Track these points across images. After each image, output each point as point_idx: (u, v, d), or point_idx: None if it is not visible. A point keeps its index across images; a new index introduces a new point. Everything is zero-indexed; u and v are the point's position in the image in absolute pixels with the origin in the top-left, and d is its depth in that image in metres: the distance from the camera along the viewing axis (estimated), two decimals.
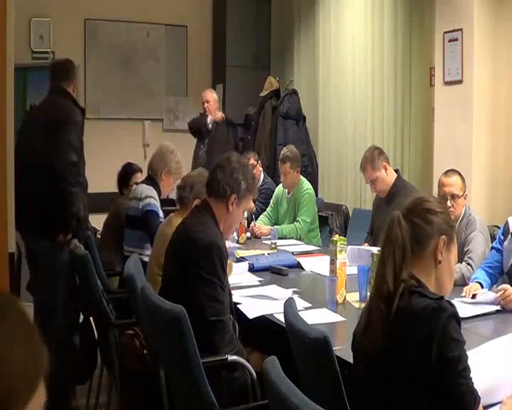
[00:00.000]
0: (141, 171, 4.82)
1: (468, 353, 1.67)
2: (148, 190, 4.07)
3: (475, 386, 1.65)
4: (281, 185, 5.16)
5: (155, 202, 4.02)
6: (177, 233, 2.77)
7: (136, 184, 4.46)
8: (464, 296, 2.92)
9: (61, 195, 3.48)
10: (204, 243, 2.58)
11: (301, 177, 5.09)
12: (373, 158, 4.03)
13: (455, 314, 1.66)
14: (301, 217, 4.86)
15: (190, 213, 2.87)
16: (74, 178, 3.52)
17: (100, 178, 5.25)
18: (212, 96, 6.31)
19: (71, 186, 3.50)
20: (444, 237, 1.80)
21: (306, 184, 5.03)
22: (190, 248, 2.60)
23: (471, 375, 1.64)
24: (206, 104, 6.23)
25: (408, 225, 1.77)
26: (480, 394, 1.65)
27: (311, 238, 4.92)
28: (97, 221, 4.97)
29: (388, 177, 4.05)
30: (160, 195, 4.11)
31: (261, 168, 5.70)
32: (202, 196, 3.04)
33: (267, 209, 5.20)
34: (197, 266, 2.54)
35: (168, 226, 3.28)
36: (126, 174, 4.83)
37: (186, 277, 2.56)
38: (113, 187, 4.93)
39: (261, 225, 4.94)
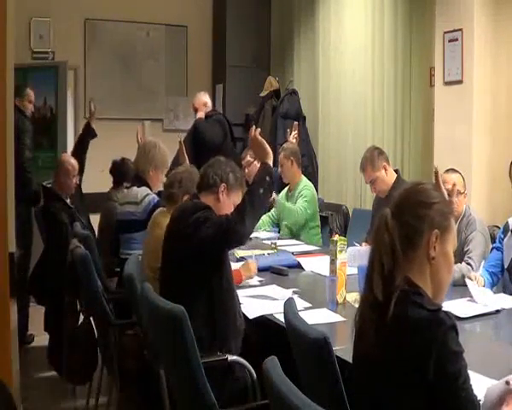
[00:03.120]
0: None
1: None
2: (142, 191, 4.07)
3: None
4: (283, 190, 5.13)
5: (154, 196, 4.04)
6: (170, 231, 2.77)
7: (127, 187, 4.44)
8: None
9: (23, 179, 4.60)
10: (201, 214, 2.62)
11: (303, 177, 5.08)
12: (373, 158, 4.04)
13: (453, 326, 1.59)
14: (301, 205, 4.83)
15: (177, 208, 2.87)
16: (30, 168, 4.91)
17: (100, 178, 5.26)
18: (204, 100, 6.23)
19: (28, 173, 4.86)
20: (436, 230, 1.70)
21: (307, 182, 5.02)
22: (187, 226, 2.62)
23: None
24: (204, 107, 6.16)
25: (397, 226, 1.67)
26: None
27: (313, 236, 4.89)
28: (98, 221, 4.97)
29: (388, 177, 4.05)
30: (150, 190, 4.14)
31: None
32: (191, 190, 3.04)
33: (271, 210, 5.17)
34: (196, 228, 2.58)
35: (157, 228, 3.24)
36: (123, 173, 4.83)
37: (189, 251, 2.60)
38: None
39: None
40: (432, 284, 1.71)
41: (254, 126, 3.00)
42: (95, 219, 5.00)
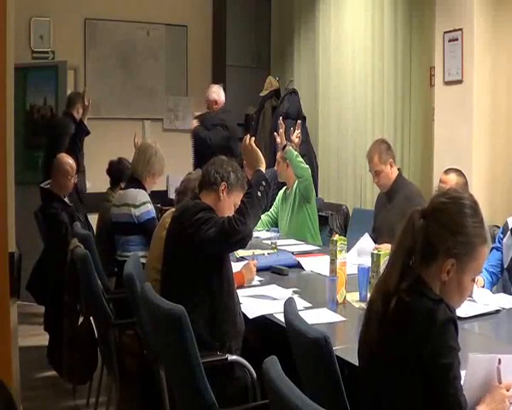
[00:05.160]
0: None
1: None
2: (141, 195, 4.09)
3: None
4: (281, 190, 5.10)
5: (152, 208, 4.08)
6: (172, 231, 2.77)
7: (122, 188, 4.44)
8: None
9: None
10: (203, 214, 2.62)
11: None
12: (381, 151, 4.09)
13: (452, 319, 1.60)
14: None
15: (178, 208, 2.88)
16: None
17: (100, 177, 5.26)
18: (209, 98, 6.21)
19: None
20: (452, 260, 1.67)
21: None
22: (189, 226, 2.61)
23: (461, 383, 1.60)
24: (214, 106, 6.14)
25: (422, 229, 1.67)
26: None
27: (314, 208, 4.84)
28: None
29: (392, 174, 4.10)
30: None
31: None
32: None
33: (270, 209, 5.15)
34: (198, 229, 2.58)
35: (163, 230, 3.24)
36: (121, 172, 4.84)
37: (190, 252, 2.60)
38: None
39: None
40: (441, 294, 1.69)
41: (248, 135, 3.04)
42: (93, 220, 5.01)
